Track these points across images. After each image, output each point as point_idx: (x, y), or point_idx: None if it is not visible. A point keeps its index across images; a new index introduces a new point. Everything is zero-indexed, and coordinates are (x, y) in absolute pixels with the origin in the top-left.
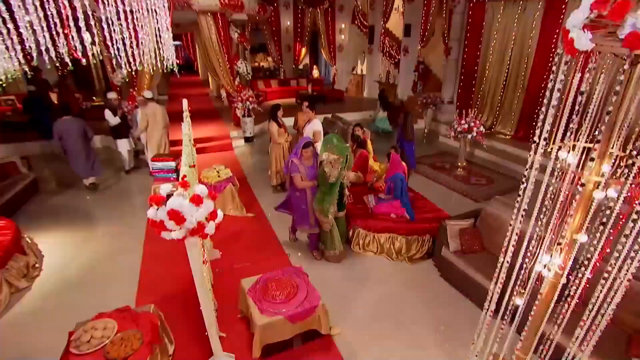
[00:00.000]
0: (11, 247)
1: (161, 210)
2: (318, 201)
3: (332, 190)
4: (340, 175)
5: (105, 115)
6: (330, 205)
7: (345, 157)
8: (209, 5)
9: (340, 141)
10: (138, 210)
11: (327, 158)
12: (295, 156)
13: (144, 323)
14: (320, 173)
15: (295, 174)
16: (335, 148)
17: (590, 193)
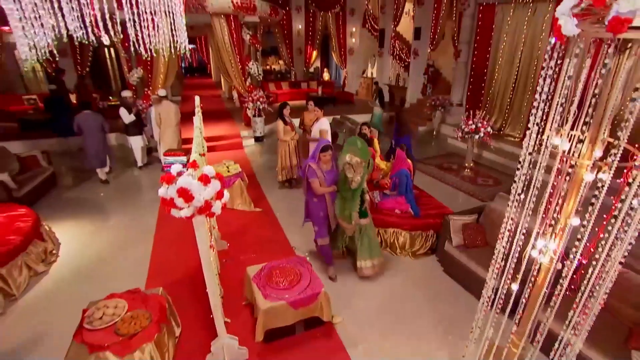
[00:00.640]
0: (31, 233)
1: (171, 188)
2: (340, 208)
3: (354, 196)
4: (364, 180)
5: (120, 113)
6: (353, 212)
7: (367, 161)
8: (222, 8)
9: (363, 144)
10: (149, 203)
11: (349, 162)
12: (313, 160)
13: (153, 304)
14: (341, 178)
15: (313, 179)
16: (358, 151)
17: (582, 177)
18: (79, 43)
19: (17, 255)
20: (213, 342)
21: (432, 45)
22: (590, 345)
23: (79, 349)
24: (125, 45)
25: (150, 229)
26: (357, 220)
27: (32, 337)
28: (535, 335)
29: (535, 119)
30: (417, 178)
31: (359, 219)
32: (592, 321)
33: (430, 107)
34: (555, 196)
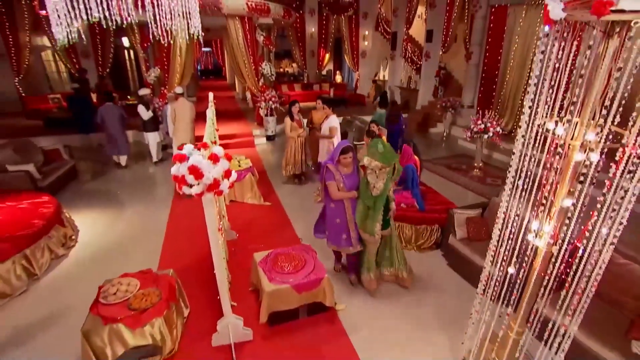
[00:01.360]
0: (53, 218)
1: (183, 165)
2: (361, 217)
3: (377, 204)
4: (387, 188)
5: (138, 110)
6: (376, 222)
7: (392, 166)
8: (236, 10)
9: (386, 147)
10: (163, 196)
11: (369, 164)
12: (332, 162)
13: (163, 283)
14: (363, 183)
15: (330, 182)
16: (378, 155)
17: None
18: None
19: (40, 238)
20: (219, 321)
21: (444, 47)
22: (590, 335)
23: (95, 320)
24: (144, 46)
25: (163, 220)
26: (380, 232)
27: (52, 312)
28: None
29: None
30: (426, 177)
31: (381, 231)
32: (586, 303)
33: (440, 108)
34: (548, 178)
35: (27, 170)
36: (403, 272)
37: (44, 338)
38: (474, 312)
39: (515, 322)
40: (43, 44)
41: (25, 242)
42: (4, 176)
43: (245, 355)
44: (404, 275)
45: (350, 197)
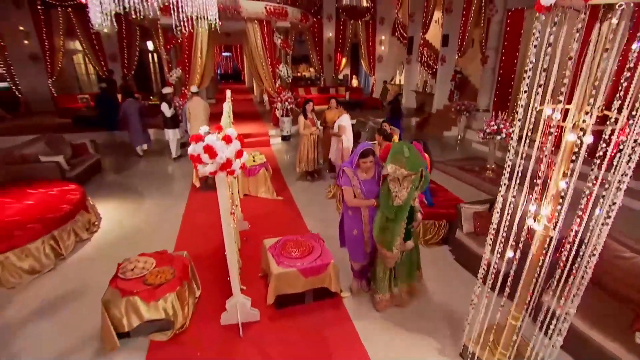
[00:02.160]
0: (79, 204)
1: (199, 145)
2: (379, 229)
3: (398, 216)
4: (411, 198)
5: (161, 108)
6: (396, 236)
7: (419, 173)
8: (255, 13)
9: (412, 150)
10: (180, 190)
11: (393, 173)
12: (350, 165)
13: (177, 263)
14: (384, 192)
15: (345, 188)
16: (405, 161)
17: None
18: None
19: (67, 221)
20: (228, 300)
21: (460, 52)
22: (592, 326)
23: (113, 293)
24: (167, 48)
25: (179, 212)
26: (400, 247)
27: (76, 288)
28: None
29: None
30: (438, 177)
31: (403, 244)
32: (582, 285)
33: (455, 112)
34: (544, 160)
35: (57, 162)
36: (415, 282)
37: (68, 310)
38: (474, 297)
39: (514, 308)
40: (75, 47)
41: (54, 224)
42: (37, 166)
43: (252, 335)
44: (414, 286)
45: (368, 205)
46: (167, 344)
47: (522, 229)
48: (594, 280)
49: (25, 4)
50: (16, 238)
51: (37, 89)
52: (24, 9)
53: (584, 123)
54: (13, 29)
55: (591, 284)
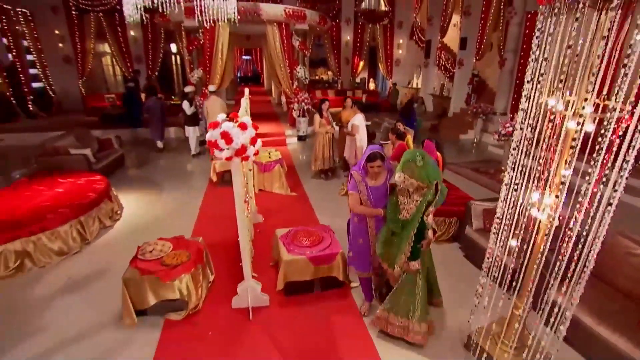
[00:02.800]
0: (103, 193)
1: (216, 131)
2: (383, 242)
3: (405, 230)
4: (420, 213)
5: (182, 106)
6: (400, 253)
7: (433, 186)
8: (275, 15)
9: (427, 161)
10: (198, 185)
11: (402, 183)
12: (358, 168)
13: (193, 248)
14: (391, 202)
15: (351, 193)
16: (418, 170)
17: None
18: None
19: (92, 208)
20: (239, 284)
21: (478, 55)
22: (600, 322)
23: (133, 272)
24: (190, 49)
25: (196, 205)
26: (404, 267)
27: (99, 269)
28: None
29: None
30: (452, 178)
31: (408, 264)
32: (585, 274)
33: (471, 114)
34: (547, 149)
35: (85, 154)
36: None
37: (92, 288)
38: (479, 287)
39: (516, 296)
40: (104, 50)
41: (81, 210)
42: (67, 158)
43: (261, 319)
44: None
45: (374, 215)
46: (180, 323)
47: (527, 219)
48: (603, 277)
49: (62, 10)
50: (48, 221)
51: (68, 89)
52: (60, 15)
53: (583, 110)
54: (50, 33)
55: (600, 280)
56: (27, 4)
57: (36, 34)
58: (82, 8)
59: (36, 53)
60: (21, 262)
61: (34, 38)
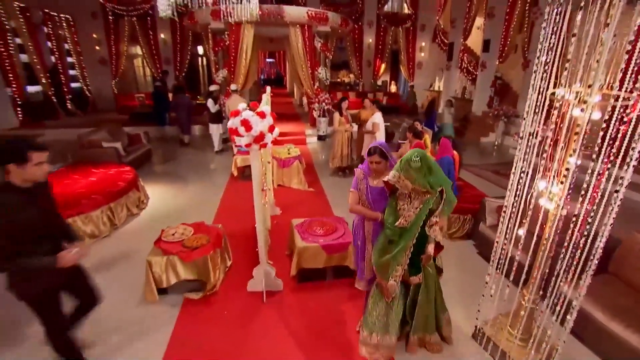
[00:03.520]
0: (132, 183)
1: (237, 119)
2: (379, 250)
3: (401, 240)
4: (420, 221)
5: (207, 104)
6: (396, 264)
7: (436, 193)
8: (297, 18)
9: (427, 163)
10: (220, 180)
11: (395, 182)
12: (364, 166)
13: (213, 233)
14: (390, 207)
15: (351, 191)
16: (415, 173)
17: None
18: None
19: (121, 196)
20: (255, 269)
21: (501, 57)
22: (613, 318)
23: (157, 251)
24: (215, 50)
25: (217, 198)
26: (405, 278)
27: (127, 251)
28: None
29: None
30: (470, 179)
31: (408, 278)
32: (593, 263)
33: (492, 117)
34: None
35: (116, 147)
36: (431, 336)
37: (119, 268)
38: (489, 277)
39: (525, 289)
40: (136, 52)
41: (111, 197)
42: (100, 150)
43: (274, 302)
44: (430, 339)
45: (371, 218)
46: (198, 302)
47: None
48: (618, 273)
49: (100, 15)
50: (82, 205)
51: (102, 89)
52: (98, 19)
53: (588, 96)
54: (88, 36)
55: (615, 277)
56: (70, 10)
57: (76, 37)
58: (118, 13)
59: (75, 55)
60: None
61: (74, 41)
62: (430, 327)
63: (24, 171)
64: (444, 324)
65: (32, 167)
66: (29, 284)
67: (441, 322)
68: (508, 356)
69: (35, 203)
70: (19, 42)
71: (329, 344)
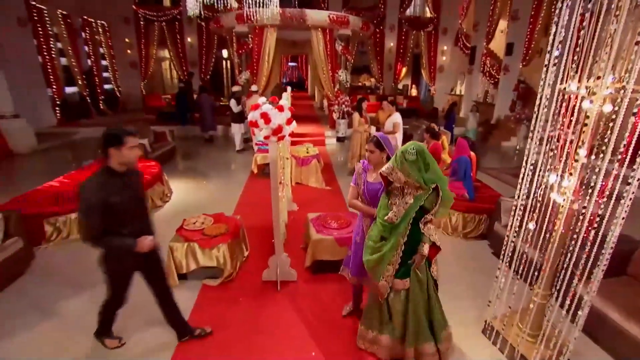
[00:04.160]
0: (157, 177)
1: (257, 112)
2: (370, 248)
3: (392, 236)
4: (409, 218)
5: (230, 104)
6: (386, 263)
7: (430, 190)
8: (319, 21)
9: (426, 159)
10: (240, 178)
11: (388, 174)
12: (364, 160)
13: (231, 223)
14: (383, 202)
15: (351, 186)
16: (409, 165)
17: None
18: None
19: (147, 188)
20: (270, 258)
21: (525, 60)
22: (629, 318)
23: (178, 238)
24: (239, 53)
25: (237, 194)
26: (392, 282)
27: None
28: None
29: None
30: (489, 182)
31: (394, 281)
32: (606, 258)
33: (514, 121)
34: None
35: (143, 144)
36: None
37: None
38: (499, 271)
39: (536, 284)
40: (164, 55)
41: None
42: None
43: (288, 290)
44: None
45: (368, 214)
46: (215, 288)
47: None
48: (635, 274)
49: (132, 21)
50: None
51: (132, 90)
52: (130, 25)
53: (596, 87)
54: (121, 41)
55: (634, 279)
56: (105, 17)
57: (110, 42)
58: (149, 18)
59: (109, 59)
60: None
61: (109, 46)
62: (421, 338)
63: (120, 154)
64: (443, 339)
65: (127, 150)
66: (118, 263)
67: (439, 336)
68: (517, 351)
69: (128, 188)
70: (59, 46)
71: (339, 333)
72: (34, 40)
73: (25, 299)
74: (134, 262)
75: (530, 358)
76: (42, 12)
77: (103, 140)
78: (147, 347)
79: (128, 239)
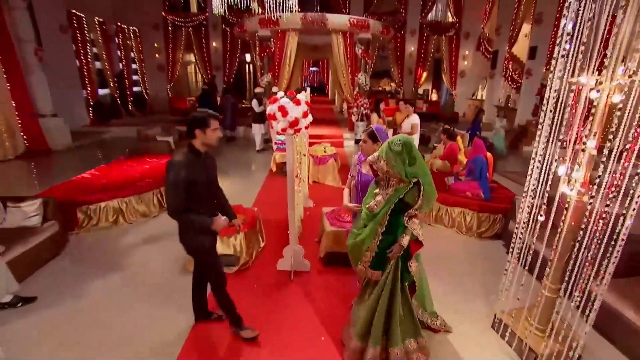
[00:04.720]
0: None
1: (275, 105)
2: (351, 233)
3: (372, 223)
4: (387, 208)
5: (252, 104)
6: (364, 249)
7: (410, 184)
8: (340, 25)
9: (411, 152)
10: (258, 176)
11: (374, 161)
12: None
13: (249, 214)
14: (370, 192)
15: (348, 177)
16: (393, 156)
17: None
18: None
19: None
20: (285, 248)
21: (549, 64)
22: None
23: None
24: (261, 56)
25: (256, 189)
26: (369, 273)
27: (171, 229)
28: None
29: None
30: (506, 184)
31: (369, 270)
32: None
33: (536, 124)
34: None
35: (168, 141)
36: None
37: (165, 242)
38: (509, 264)
39: (546, 278)
40: (189, 59)
41: (161, 181)
42: (154, 143)
43: (301, 280)
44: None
45: (353, 209)
46: (232, 275)
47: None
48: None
49: (161, 26)
50: (138, 187)
51: (159, 93)
52: (159, 31)
53: (604, 79)
54: (150, 46)
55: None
56: (137, 23)
57: (140, 47)
58: (177, 24)
59: (138, 63)
60: (116, 217)
61: (139, 50)
62: (394, 338)
63: (204, 135)
64: (410, 350)
65: (210, 132)
66: (200, 240)
67: (408, 347)
68: (525, 344)
69: (207, 168)
70: (95, 51)
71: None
72: (73, 45)
73: (61, 276)
74: (213, 239)
75: (539, 351)
76: (81, 19)
77: (190, 122)
78: (163, 328)
79: (206, 217)
